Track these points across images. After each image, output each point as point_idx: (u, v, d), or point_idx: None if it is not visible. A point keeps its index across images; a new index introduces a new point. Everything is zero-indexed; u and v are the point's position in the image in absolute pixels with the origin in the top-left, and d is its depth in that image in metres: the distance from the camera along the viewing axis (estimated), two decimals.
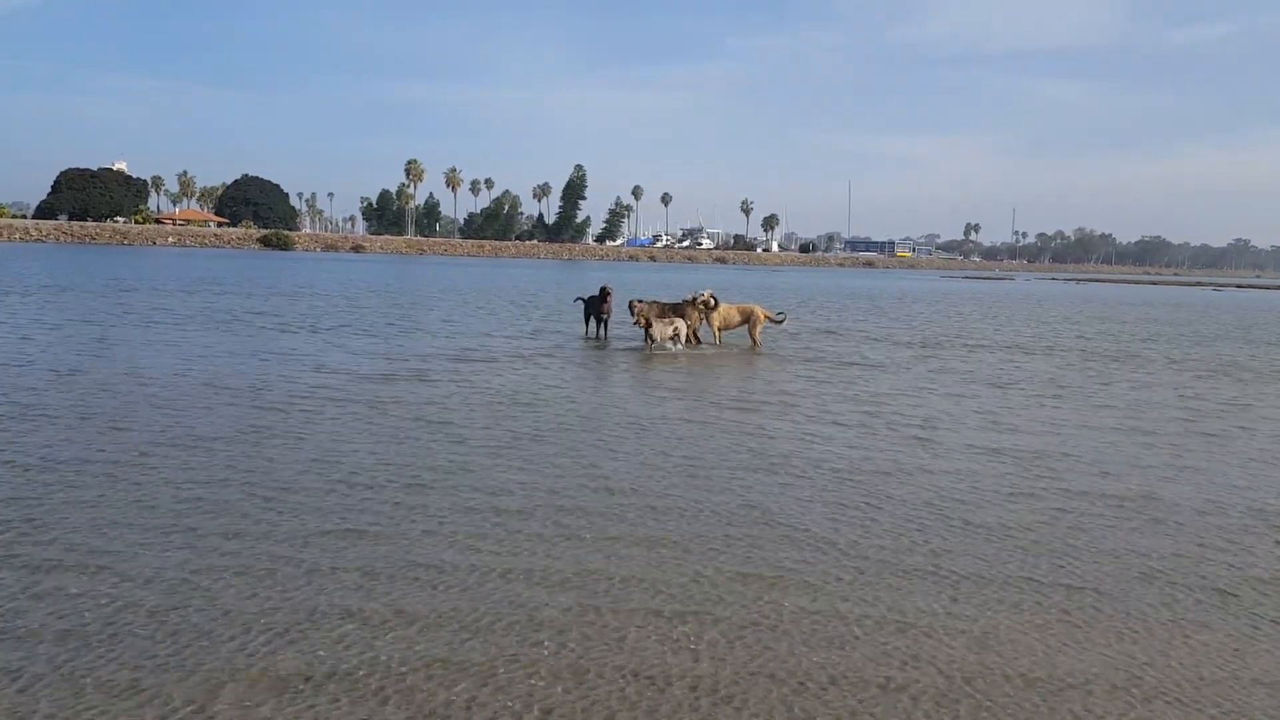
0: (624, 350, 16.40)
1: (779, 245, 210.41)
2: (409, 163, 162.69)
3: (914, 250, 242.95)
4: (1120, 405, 11.98)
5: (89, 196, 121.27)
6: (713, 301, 17.49)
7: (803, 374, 13.97)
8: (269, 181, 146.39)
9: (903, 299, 43.80)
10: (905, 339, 21.03)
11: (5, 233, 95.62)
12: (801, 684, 4.02)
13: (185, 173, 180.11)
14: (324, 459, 7.51)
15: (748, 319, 17.69)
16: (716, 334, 17.64)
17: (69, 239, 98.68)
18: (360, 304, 25.70)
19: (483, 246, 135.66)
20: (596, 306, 18.15)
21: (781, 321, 18.30)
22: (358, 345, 15.58)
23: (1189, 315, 36.91)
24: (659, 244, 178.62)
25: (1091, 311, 37.24)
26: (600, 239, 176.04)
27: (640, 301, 17.31)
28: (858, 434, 9.39)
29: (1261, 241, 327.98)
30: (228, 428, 8.53)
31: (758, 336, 17.57)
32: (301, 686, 3.82)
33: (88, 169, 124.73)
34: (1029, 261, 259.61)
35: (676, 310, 17.24)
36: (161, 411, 9.20)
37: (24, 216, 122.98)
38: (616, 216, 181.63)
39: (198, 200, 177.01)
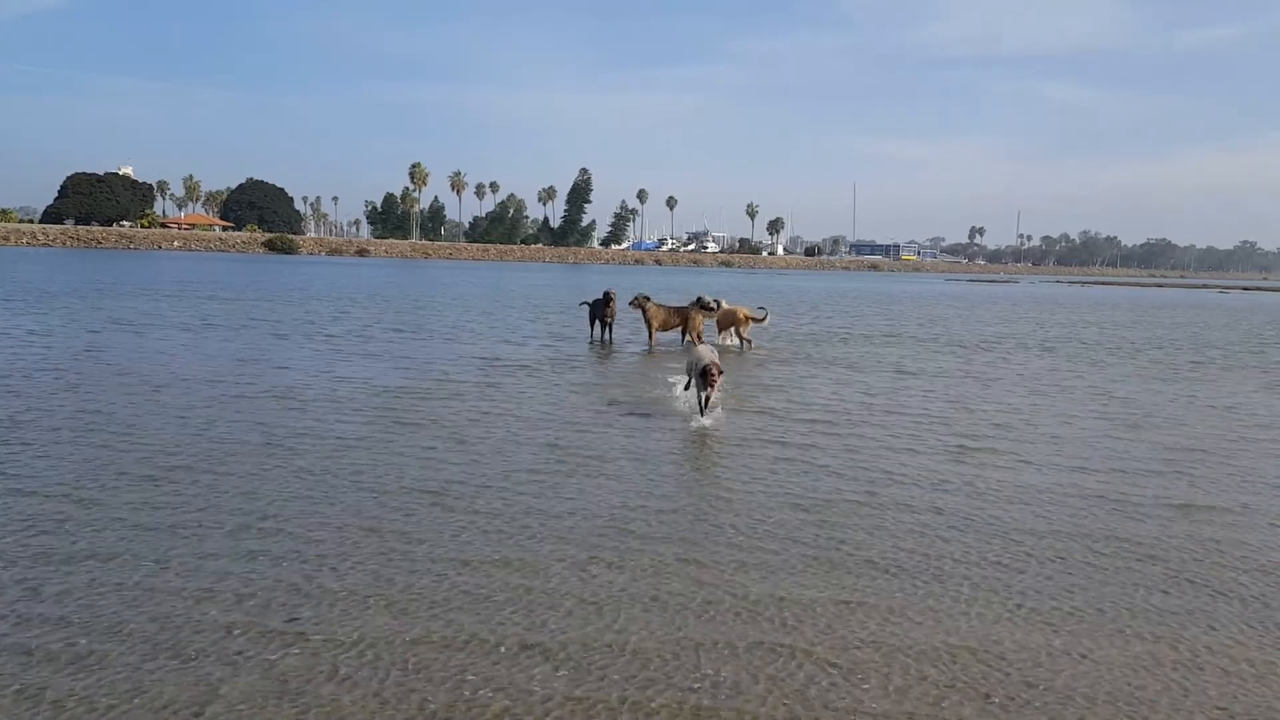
0: (636, 356, 16.20)
1: (784, 249, 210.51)
2: (413, 166, 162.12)
3: (919, 254, 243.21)
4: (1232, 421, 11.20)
5: (95, 201, 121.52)
6: (716, 305, 17.68)
7: (876, 388, 13.74)
8: (273, 185, 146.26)
9: (917, 301, 43.68)
10: (944, 341, 21.07)
11: (13, 237, 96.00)
12: None
13: (190, 176, 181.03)
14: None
15: (734, 321, 17.77)
16: (722, 336, 17.81)
17: (75, 243, 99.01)
18: (370, 310, 25.60)
19: (488, 250, 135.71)
20: (600, 310, 18.16)
21: (763, 319, 18.12)
22: (377, 353, 15.27)
23: (1218, 319, 36.23)
24: (664, 247, 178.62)
25: (1112, 315, 36.80)
26: (605, 243, 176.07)
27: (643, 296, 17.40)
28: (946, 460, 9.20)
29: (1268, 244, 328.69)
30: (256, 452, 8.07)
31: (745, 334, 17.74)
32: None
33: (94, 173, 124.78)
34: (1034, 265, 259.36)
35: (681, 313, 17.45)
36: (183, 423, 9.08)
37: (31, 221, 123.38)
38: (622, 220, 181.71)
39: (203, 204, 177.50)
